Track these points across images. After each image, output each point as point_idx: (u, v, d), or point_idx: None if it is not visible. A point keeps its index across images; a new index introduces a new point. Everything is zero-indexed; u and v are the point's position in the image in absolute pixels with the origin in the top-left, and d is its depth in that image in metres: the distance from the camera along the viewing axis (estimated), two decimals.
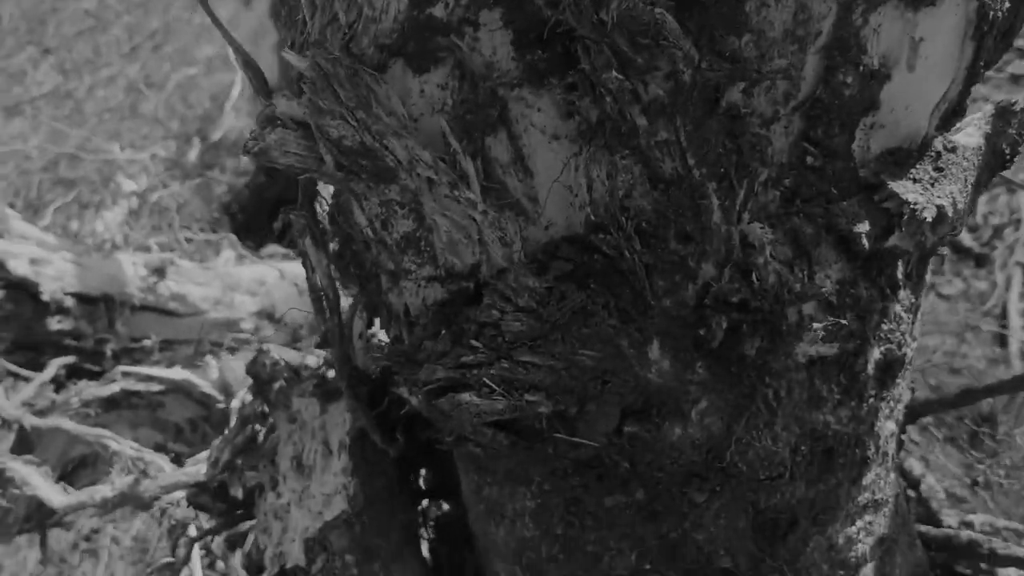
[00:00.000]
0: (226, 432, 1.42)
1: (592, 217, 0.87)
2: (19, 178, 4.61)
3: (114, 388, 2.14)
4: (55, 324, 2.32)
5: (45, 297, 2.27)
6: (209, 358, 2.30)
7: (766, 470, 1.01)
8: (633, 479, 1.04)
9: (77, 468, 2.24)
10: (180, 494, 1.49)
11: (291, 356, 1.38)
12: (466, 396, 0.90)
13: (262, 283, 2.62)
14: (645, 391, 0.94)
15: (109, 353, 2.31)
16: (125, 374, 2.16)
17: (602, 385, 0.92)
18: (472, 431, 1.01)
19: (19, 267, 2.26)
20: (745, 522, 1.07)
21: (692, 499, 1.05)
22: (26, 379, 2.26)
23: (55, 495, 1.64)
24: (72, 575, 2.54)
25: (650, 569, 1.12)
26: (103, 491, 1.55)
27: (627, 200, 0.85)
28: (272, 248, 2.85)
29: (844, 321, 0.94)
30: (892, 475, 1.21)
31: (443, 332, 0.93)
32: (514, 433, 1.01)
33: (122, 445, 1.89)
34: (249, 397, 1.95)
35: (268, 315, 2.59)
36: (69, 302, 2.35)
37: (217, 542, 1.90)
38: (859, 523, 1.16)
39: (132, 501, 1.53)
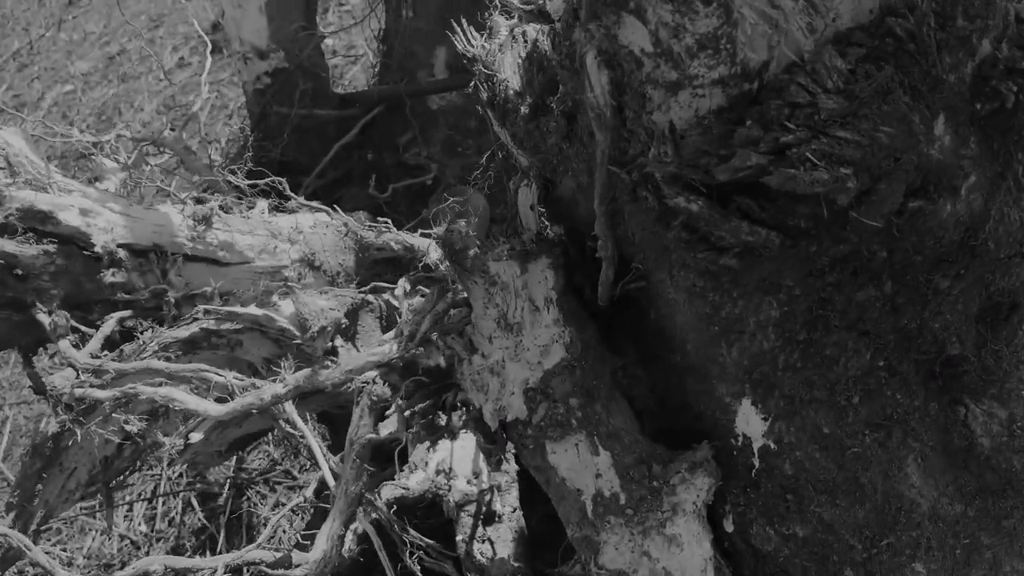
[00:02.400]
0: (422, 305, 1.42)
1: (888, 1, 0.96)
2: None
3: (194, 329, 2.07)
4: (109, 277, 2.22)
5: (98, 249, 2.17)
6: (276, 298, 2.25)
7: (1008, 248, 1.12)
8: (885, 271, 1.13)
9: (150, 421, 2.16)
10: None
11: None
12: (792, 171, 0.97)
13: (300, 231, 2.58)
14: (925, 168, 1.03)
15: (172, 302, 2.22)
16: (207, 312, 2.09)
17: (894, 162, 1.01)
18: (748, 232, 1.08)
19: (71, 219, 2.15)
20: (976, 306, 1.19)
21: (937, 286, 1.15)
22: (85, 335, 2.15)
23: (210, 406, 1.59)
24: None
25: (883, 366, 1.22)
26: (272, 389, 1.51)
27: None
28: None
29: None
30: None
31: (748, 123, 1.00)
32: (781, 233, 1.09)
33: (226, 376, 1.84)
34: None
35: (309, 262, 2.55)
36: (122, 254, 2.25)
37: None
38: None
39: (310, 389, 1.50)
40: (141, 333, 2.14)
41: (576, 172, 1.33)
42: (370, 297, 2.33)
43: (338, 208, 2.48)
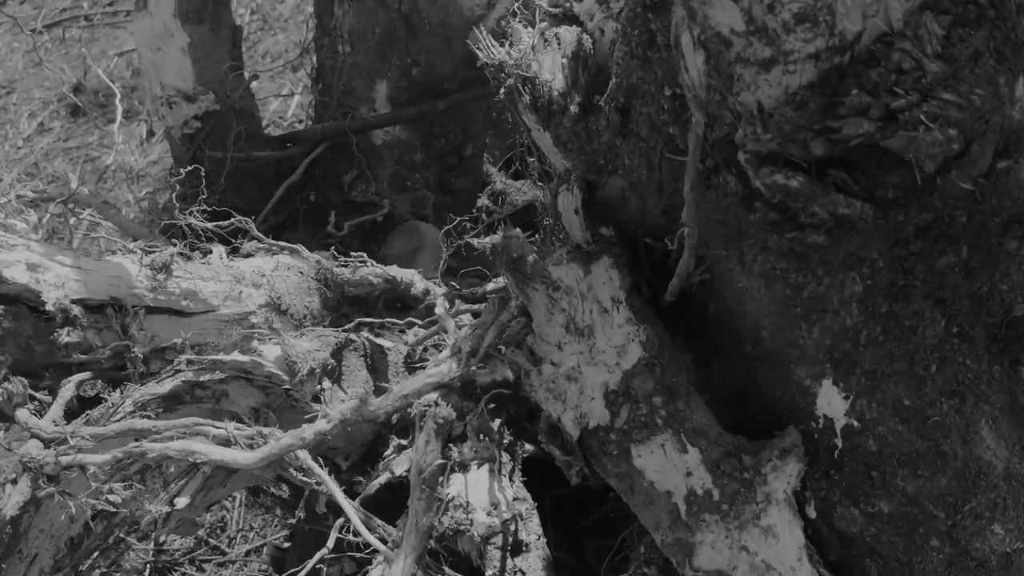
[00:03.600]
0: (482, 318, 1.35)
1: None
2: None
3: (176, 382, 1.90)
4: (64, 338, 2.02)
5: (50, 307, 1.98)
6: (256, 343, 2.11)
7: None
8: (963, 236, 1.17)
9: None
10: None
11: None
12: (913, 133, 0.98)
13: (263, 275, 2.44)
14: (1008, 130, 1.08)
15: (141, 357, 2.03)
16: (190, 363, 1.92)
17: (984, 124, 1.04)
18: (845, 204, 1.09)
19: (18, 275, 1.95)
20: None
21: (1007, 248, 1.19)
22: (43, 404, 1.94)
23: (239, 455, 1.45)
24: None
25: (956, 332, 1.24)
26: (314, 427, 1.39)
27: None
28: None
29: None
30: None
31: (854, 91, 1.01)
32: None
33: (226, 428, 1.69)
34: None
35: (275, 307, 2.42)
36: (77, 310, 2.05)
37: None
38: None
39: (361, 422, 1.38)
40: (109, 394, 1.96)
41: (628, 169, 1.31)
42: (353, 336, 2.23)
43: (302, 248, 2.37)
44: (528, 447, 2.25)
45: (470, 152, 3.15)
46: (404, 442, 2.04)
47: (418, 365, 2.38)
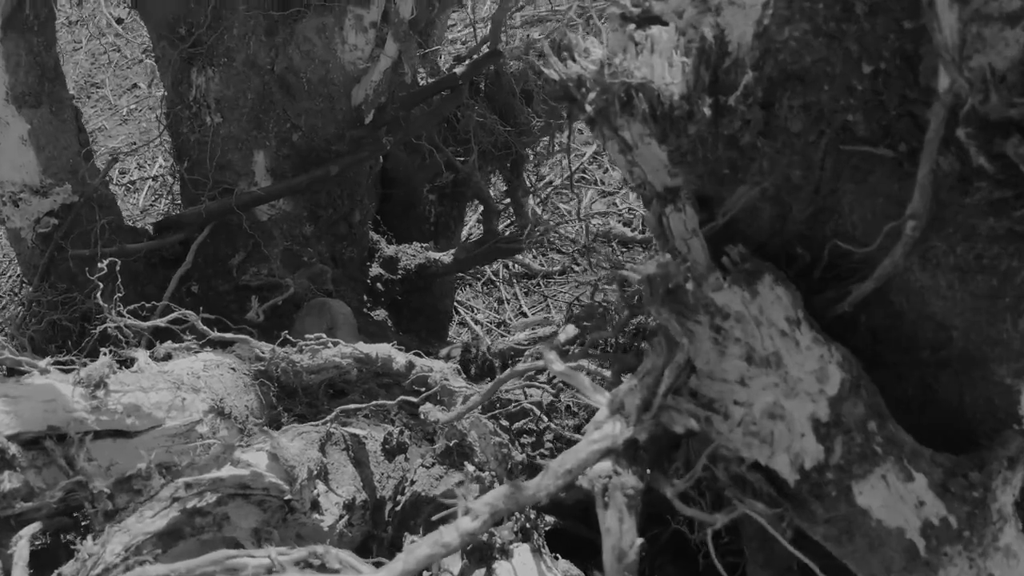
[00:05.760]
0: (648, 364, 1.22)
1: None
2: None
3: (173, 513, 1.55)
4: (5, 485, 1.59)
5: None
6: (239, 452, 1.80)
7: None
8: None
9: None
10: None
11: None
12: None
13: (197, 376, 2.11)
14: None
15: (107, 493, 1.63)
16: (188, 486, 1.58)
17: None
18: None
19: None
20: None
21: None
22: None
23: (366, 569, 1.19)
24: None
25: None
26: (462, 525, 1.16)
27: None
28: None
29: None
30: None
31: None
32: None
33: (268, 554, 1.42)
34: None
35: (219, 411, 2.09)
36: (14, 449, 1.62)
37: None
38: None
39: (513, 511, 1.19)
40: (81, 544, 1.59)
41: (767, 174, 1.22)
42: (333, 428, 1.99)
43: (250, 339, 2.08)
44: (549, 518, 2.11)
45: (358, 219, 2.97)
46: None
47: (399, 451, 2.17)
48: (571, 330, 1.61)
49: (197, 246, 2.59)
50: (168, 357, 2.17)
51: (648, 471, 1.25)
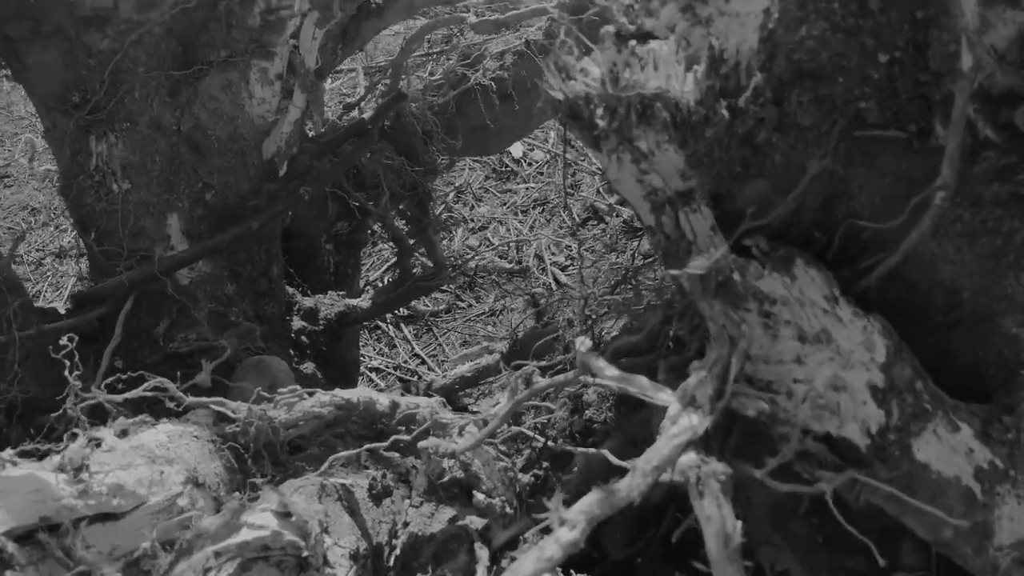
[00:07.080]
0: (714, 354, 1.27)
1: None
2: None
3: None
4: None
5: None
6: (248, 516, 1.72)
7: None
8: None
9: None
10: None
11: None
12: None
13: (167, 447, 2.00)
14: None
15: None
16: (217, 555, 1.49)
17: None
18: None
19: None
20: None
21: None
22: None
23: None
24: None
25: None
26: (561, 538, 1.17)
27: None
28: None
29: None
30: None
31: None
32: None
33: None
34: None
35: (194, 482, 1.99)
36: (11, 547, 1.47)
37: None
38: None
39: (607, 515, 1.20)
40: None
41: (780, 165, 1.29)
42: (326, 480, 1.95)
43: (224, 400, 2.00)
44: None
45: (276, 273, 2.91)
46: None
47: (385, 495, 2.14)
48: (587, 341, 1.66)
49: (124, 317, 2.45)
50: (125, 433, 2.05)
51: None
